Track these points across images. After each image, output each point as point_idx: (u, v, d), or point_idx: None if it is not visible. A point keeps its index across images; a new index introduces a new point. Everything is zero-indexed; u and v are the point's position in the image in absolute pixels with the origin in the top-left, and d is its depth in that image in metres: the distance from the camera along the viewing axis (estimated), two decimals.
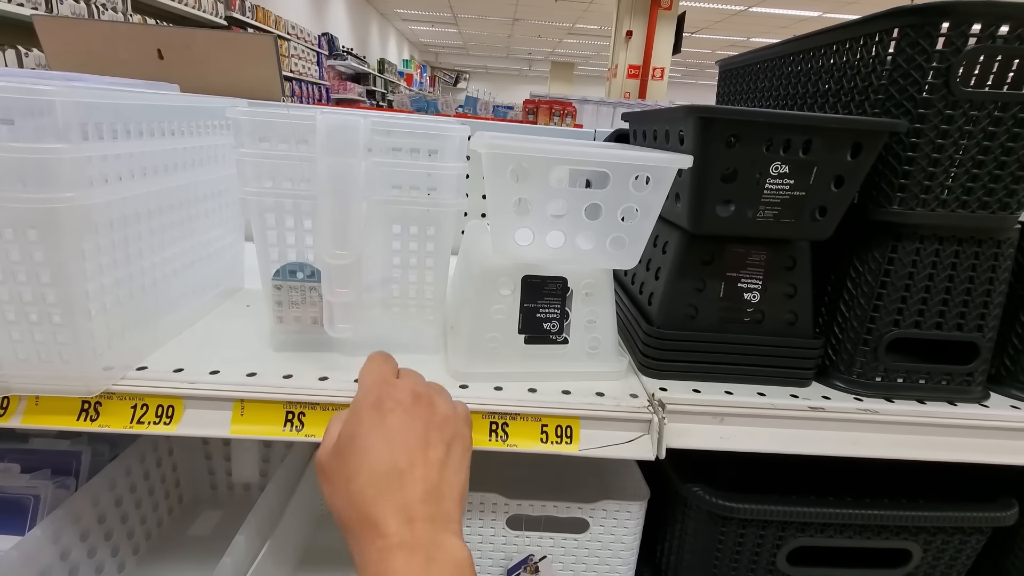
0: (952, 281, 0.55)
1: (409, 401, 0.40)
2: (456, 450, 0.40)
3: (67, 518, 0.68)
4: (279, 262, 0.54)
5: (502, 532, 0.65)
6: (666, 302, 0.57)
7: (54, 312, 0.44)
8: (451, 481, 0.39)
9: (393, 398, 0.40)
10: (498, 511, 0.64)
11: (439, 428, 0.40)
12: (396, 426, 0.39)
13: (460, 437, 0.41)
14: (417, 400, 0.41)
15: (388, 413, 0.39)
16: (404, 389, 0.41)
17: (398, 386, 0.41)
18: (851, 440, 0.54)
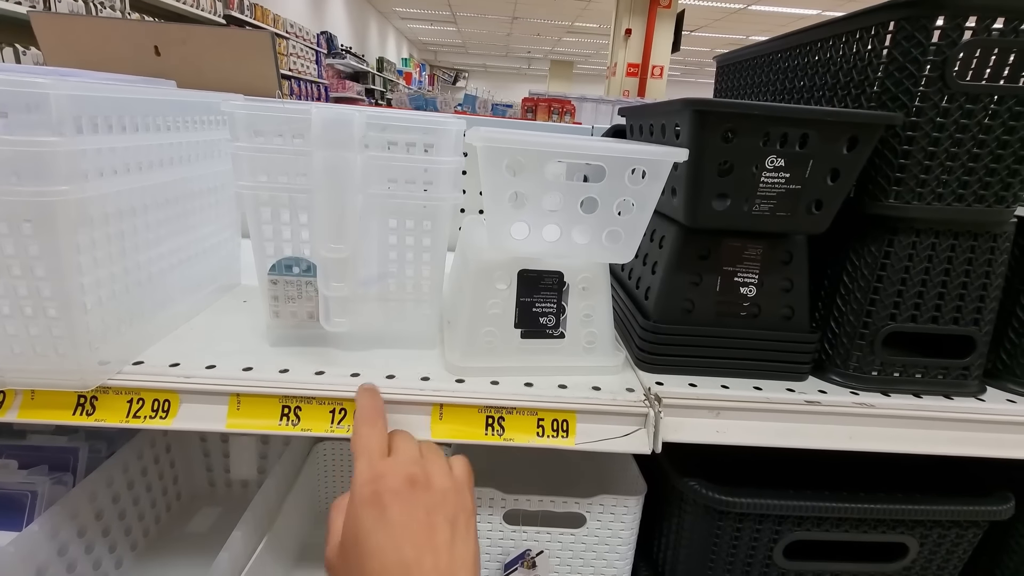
0: (948, 275, 0.55)
1: (406, 489, 0.40)
2: (460, 523, 0.41)
3: (64, 514, 0.68)
4: (275, 257, 0.54)
5: (499, 527, 0.65)
6: (662, 296, 0.57)
7: (49, 306, 0.44)
8: (462, 557, 0.39)
9: (390, 490, 0.40)
10: (495, 506, 0.64)
11: (440, 508, 0.40)
12: (397, 519, 0.39)
13: (463, 510, 0.42)
14: (414, 485, 0.40)
15: (387, 508, 0.39)
16: (398, 475, 0.41)
17: (391, 473, 0.41)
18: (847, 434, 0.54)
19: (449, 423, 0.51)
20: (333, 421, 0.50)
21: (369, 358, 0.56)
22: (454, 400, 0.51)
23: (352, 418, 0.51)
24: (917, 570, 0.61)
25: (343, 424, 0.50)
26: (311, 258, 0.54)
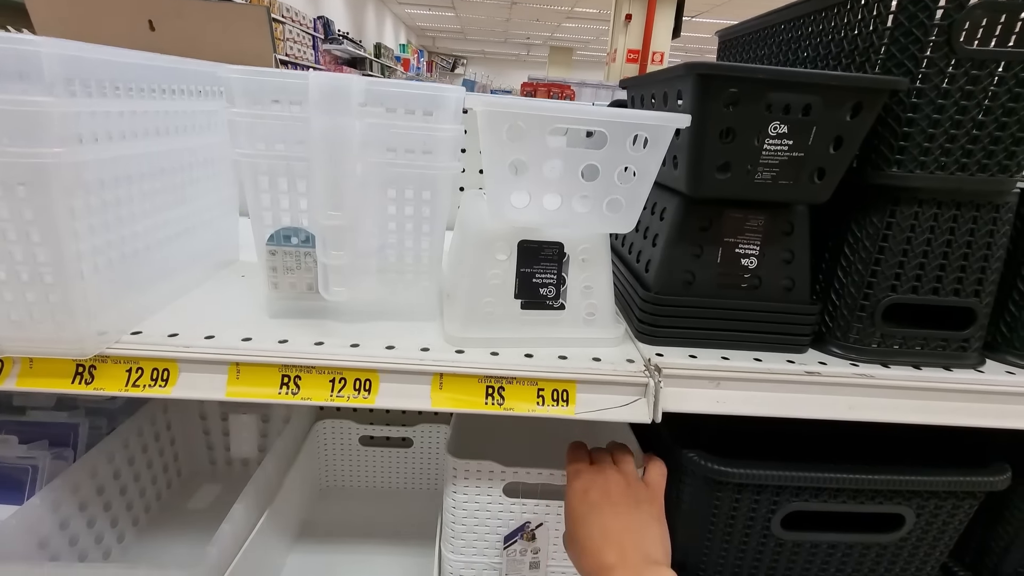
0: (950, 246, 0.54)
1: (603, 480, 0.54)
2: (653, 511, 0.53)
3: (65, 488, 0.68)
4: (273, 227, 0.53)
5: (499, 500, 0.65)
6: (663, 268, 0.56)
7: (45, 272, 0.43)
8: (652, 535, 0.51)
9: (593, 483, 0.54)
10: (495, 479, 0.65)
11: (634, 497, 0.53)
12: (597, 503, 0.52)
13: (654, 501, 0.54)
14: (612, 480, 0.54)
15: (588, 492, 0.53)
16: (598, 469, 0.56)
17: (595, 472, 0.55)
18: (847, 404, 0.54)
19: (449, 392, 0.51)
20: (333, 390, 0.50)
21: (369, 330, 0.56)
22: (454, 370, 0.51)
23: (351, 387, 0.51)
24: (913, 541, 0.62)
25: (343, 393, 0.50)
26: (310, 228, 0.54)
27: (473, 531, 0.67)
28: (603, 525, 0.50)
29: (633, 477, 0.55)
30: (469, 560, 0.68)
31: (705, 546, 0.62)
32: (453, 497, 0.66)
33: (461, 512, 0.66)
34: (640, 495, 0.53)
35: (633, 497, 0.53)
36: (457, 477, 0.65)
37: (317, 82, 0.45)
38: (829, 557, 0.62)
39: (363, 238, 0.53)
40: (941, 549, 0.63)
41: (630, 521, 0.51)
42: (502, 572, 0.68)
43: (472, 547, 0.68)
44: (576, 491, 0.54)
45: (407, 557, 0.84)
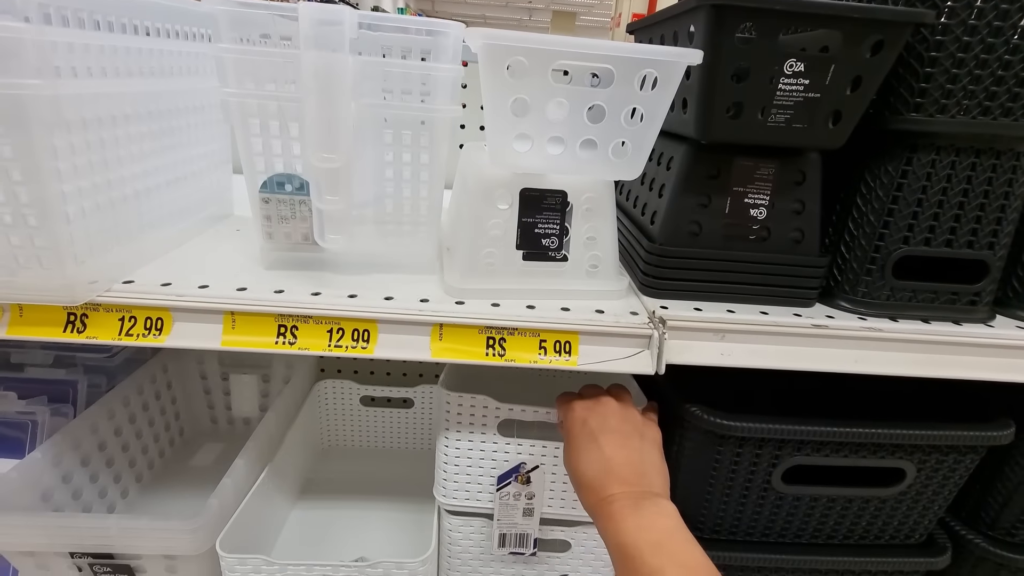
0: (966, 196, 0.53)
1: (600, 408, 0.53)
2: (649, 438, 0.52)
3: (66, 443, 0.68)
4: (266, 173, 0.51)
5: (492, 438, 0.64)
6: (669, 219, 0.55)
7: (29, 214, 0.42)
8: (651, 461, 0.50)
9: (587, 408, 0.53)
10: (488, 415, 0.63)
11: (631, 424, 0.52)
12: (596, 429, 0.51)
13: (651, 431, 0.53)
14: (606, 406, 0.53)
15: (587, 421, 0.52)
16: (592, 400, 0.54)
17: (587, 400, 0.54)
18: (853, 358, 0.53)
19: (449, 342, 0.50)
20: (331, 340, 0.49)
21: (366, 281, 0.55)
22: (454, 320, 0.50)
23: (349, 338, 0.50)
24: (912, 495, 0.62)
25: (342, 343, 0.49)
26: (304, 174, 0.52)
27: (466, 473, 0.65)
28: (603, 455, 0.49)
29: (631, 406, 0.54)
30: (461, 504, 0.66)
31: (705, 500, 0.62)
32: (445, 436, 0.64)
33: (453, 452, 0.64)
34: (639, 424, 0.52)
35: (632, 424, 0.52)
36: (450, 413, 0.63)
37: (307, 12, 0.43)
38: (828, 511, 0.63)
39: (359, 186, 0.52)
40: (940, 503, 0.63)
41: (631, 450, 0.50)
42: (494, 518, 0.66)
43: (465, 490, 0.66)
44: (573, 423, 0.53)
45: (407, 514, 0.85)
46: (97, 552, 0.60)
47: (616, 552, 0.44)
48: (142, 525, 0.59)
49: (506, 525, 0.66)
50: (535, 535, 0.67)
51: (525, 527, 0.66)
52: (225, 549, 0.59)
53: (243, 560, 0.60)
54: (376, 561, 0.61)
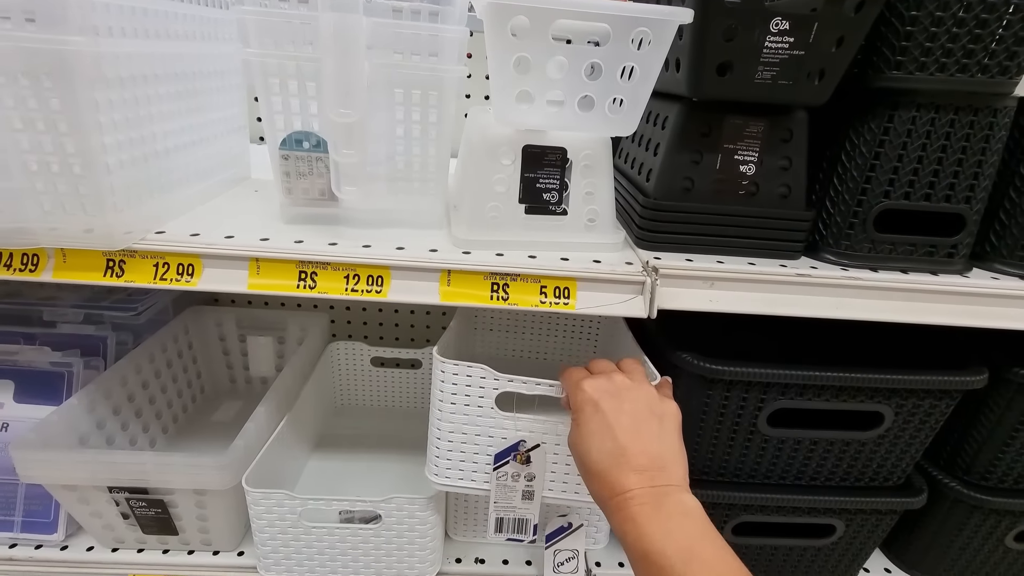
0: (945, 152, 0.56)
1: (614, 387, 0.48)
2: (667, 421, 0.47)
3: (99, 392, 0.73)
4: (285, 131, 0.55)
5: (490, 412, 0.59)
6: (663, 174, 0.58)
7: (74, 163, 0.46)
8: (669, 447, 0.46)
9: (599, 388, 0.48)
10: (486, 387, 0.58)
11: (647, 406, 0.47)
12: (610, 413, 0.46)
13: (669, 411, 0.48)
14: (620, 385, 0.48)
15: (599, 403, 0.47)
16: (605, 379, 0.49)
17: (599, 380, 0.49)
18: (834, 304, 0.57)
19: (456, 287, 0.54)
20: (348, 285, 0.53)
21: (379, 235, 0.58)
22: (461, 267, 0.54)
23: (364, 283, 0.54)
24: (890, 439, 0.66)
25: (357, 288, 0.54)
26: (320, 132, 0.55)
27: (460, 450, 0.60)
28: (617, 443, 0.44)
29: (646, 385, 0.49)
30: (455, 484, 0.62)
31: (695, 443, 0.66)
32: (439, 407, 0.59)
33: (447, 425, 0.59)
34: (655, 404, 0.47)
35: (647, 405, 0.47)
36: (444, 383, 0.58)
37: None
38: (811, 453, 0.67)
39: (373, 143, 0.55)
40: (916, 447, 0.67)
41: (648, 437, 0.45)
42: (490, 500, 0.61)
43: (459, 469, 0.61)
44: (583, 403, 0.47)
45: (417, 466, 0.89)
46: (133, 487, 0.65)
47: (640, 560, 0.41)
48: (175, 461, 0.64)
49: (503, 508, 0.61)
50: (535, 521, 0.62)
51: (524, 511, 0.61)
52: (251, 484, 0.64)
53: (267, 495, 0.65)
54: (390, 496, 0.66)
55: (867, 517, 0.70)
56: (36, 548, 0.71)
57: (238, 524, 0.73)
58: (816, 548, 0.73)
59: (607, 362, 0.53)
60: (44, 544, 0.72)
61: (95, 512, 0.68)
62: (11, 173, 0.45)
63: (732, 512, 0.69)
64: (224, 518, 0.70)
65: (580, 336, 0.92)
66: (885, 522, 0.71)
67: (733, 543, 0.71)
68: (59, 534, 0.72)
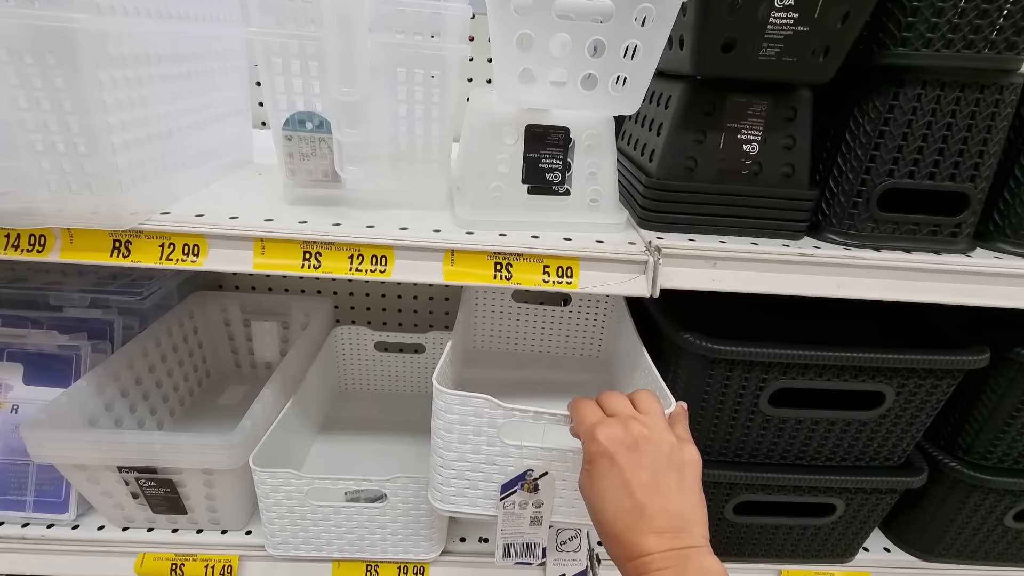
0: (950, 129, 0.55)
1: (631, 440, 0.44)
2: (687, 473, 0.44)
3: (107, 375, 0.74)
4: (288, 111, 0.55)
5: (495, 443, 0.55)
6: (666, 154, 0.58)
7: (79, 141, 0.46)
8: (690, 503, 0.43)
9: (616, 440, 0.44)
10: (489, 418, 0.54)
11: (666, 458, 0.44)
12: (627, 468, 0.43)
13: (689, 462, 0.45)
14: (637, 437, 0.44)
15: (615, 456, 0.43)
16: (622, 428, 0.44)
17: (616, 426, 0.45)
18: (836, 284, 0.57)
19: (460, 266, 0.54)
20: (352, 265, 0.54)
21: (383, 216, 0.59)
22: (464, 247, 0.54)
23: (368, 262, 0.54)
24: (891, 418, 0.67)
25: (361, 267, 0.54)
26: (323, 112, 0.55)
27: (464, 478, 0.57)
28: (635, 502, 0.42)
29: (665, 431, 0.45)
30: (461, 511, 0.59)
31: (697, 423, 0.67)
32: (441, 436, 0.56)
33: (450, 455, 0.56)
34: (674, 453, 0.44)
35: (665, 454, 0.44)
36: (445, 412, 0.54)
37: None
38: (812, 433, 0.67)
39: (375, 123, 0.55)
40: (917, 427, 0.68)
41: (667, 493, 0.42)
42: (497, 527, 0.59)
43: (463, 496, 0.58)
44: (597, 455, 0.44)
45: (421, 447, 0.91)
46: (142, 466, 0.66)
47: None
48: (183, 441, 0.65)
49: (511, 535, 0.59)
50: (544, 544, 0.60)
51: (532, 536, 0.59)
52: (257, 464, 0.65)
53: (274, 474, 0.66)
54: (395, 476, 0.67)
55: (867, 496, 0.71)
56: (48, 527, 0.73)
57: (246, 503, 0.74)
58: (816, 527, 0.74)
59: (620, 397, 0.49)
60: (56, 523, 0.73)
61: (105, 491, 0.69)
62: (17, 152, 0.45)
63: (733, 491, 0.70)
64: (232, 498, 0.71)
65: (584, 327, 0.93)
66: (885, 501, 0.72)
67: (734, 522, 0.73)
68: (70, 513, 0.73)
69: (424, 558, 0.73)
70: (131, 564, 0.72)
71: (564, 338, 0.94)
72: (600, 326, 0.93)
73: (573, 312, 0.92)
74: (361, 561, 0.73)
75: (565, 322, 0.93)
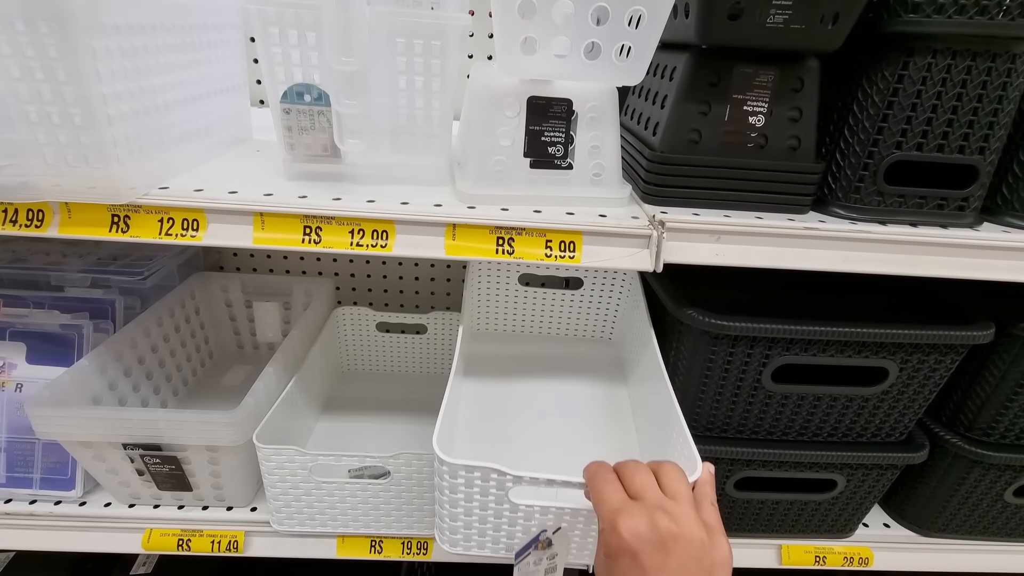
0: (960, 100, 0.54)
1: (657, 537, 0.39)
2: (717, 570, 0.40)
3: (109, 354, 0.74)
4: (286, 83, 0.54)
5: (506, 507, 0.52)
6: (670, 127, 0.57)
7: (74, 112, 0.45)
8: None
9: (641, 538, 0.39)
10: (499, 486, 0.51)
11: (695, 560, 0.39)
12: (653, 570, 0.39)
13: (720, 563, 0.40)
14: (665, 534, 0.39)
15: (639, 555, 0.39)
16: (648, 522, 0.40)
17: (640, 517, 0.40)
18: (841, 258, 0.56)
19: (461, 241, 0.54)
20: (352, 239, 0.53)
21: (383, 191, 0.58)
22: (466, 221, 0.54)
23: (369, 237, 0.54)
24: (894, 394, 0.66)
25: (362, 242, 0.53)
26: (321, 85, 0.54)
27: (472, 528, 0.55)
28: None
29: (695, 525, 0.41)
30: (473, 555, 0.57)
31: (699, 399, 0.67)
32: (445, 494, 0.53)
33: (457, 511, 0.54)
34: (705, 555, 0.40)
35: (696, 560, 0.39)
36: (453, 477, 0.51)
37: None
38: (814, 409, 0.67)
39: (376, 96, 0.54)
40: (920, 403, 0.68)
41: None
42: None
43: (472, 542, 0.56)
44: (618, 552, 0.39)
45: (424, 427, 0.91)
46: (147, 443, 0.66)
47: None
48: (187, 418, 0.65)
49: None
50: None
51: None
52: (262, 441, 0.66)
53: (278, 451, 0.66)
54: (398, 452, 0.67)
55: (868, 472, 0.71)
56: (56, 504, 0.73)
57: (250, 481, 0.75)
58: (817, 503, 0.74)
59: (644, 473, 0.44)
60: (63, 500, 0.74)
61: (111, 469, 0.69)
62: (12, 124, 0.45)
63: (735, 467, 0.70)
64: (237, 475, 0.71)
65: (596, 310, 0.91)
66: (886, 477, 0.72)
67: (735, 498, 0.73)
68: (77, 491, 0.74)
69: (428, 534, 0.74)
70: (138, 540, 0.73)
71: (575, 321, 0.92)
72: (614, 309, 0.91)
73: (585, 295, 0.89)
74: (365, 536, 0.74)
75: (576, 305, 0.90)
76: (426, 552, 0.75)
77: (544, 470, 0.49)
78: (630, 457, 0.47)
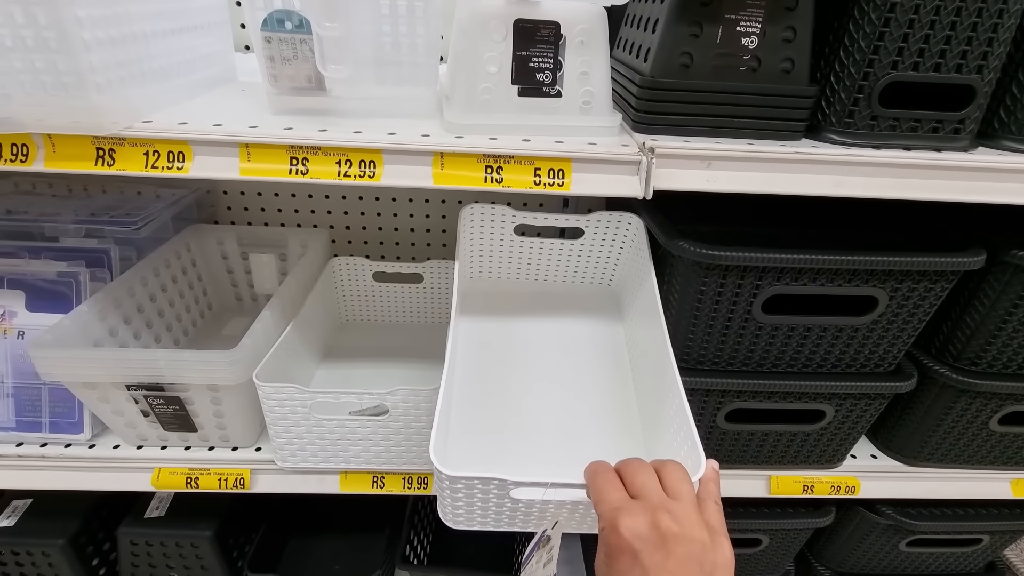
0: (959, 15, 0.53)
1: (658, 536, 0.39)
2: (718, 572, 0.39)
3: (108, 301, 0.75)
4: (265, 9, 0.53)
5: (507, 505, 0.52)
6: (661, 50, 0.56)
7: (49, 36, 0.44)
8: None
9: (640, 537, 0.39)
10: (501, 495, 0.51)
11: (696, 560, 0.39)
12: (652, 570, 0.38)
13: (721, 565, 0.40)
14: (665, 533, 0.39)
15: (639, 555, 0.38)
16: (648, 521, 0.39)
17: (641, 515, 0.39)
18: (833, 183, 0.56)
19: (449, 170, 0.54)
20: (340, 170, 0.53)
21: (370, 123, 0.57)
22: (454, 150, 0.53)
23: (357, 168, 0.53)
24: (883, 324, 0.67)
25: (350, 173, 0.53)
26: (302, 9, 0.53)
27: (474, 514, 0.55)
28: None
29: (697, 526, 0.40)
30: (470, 527, 0.56)
31: (690, 331, 0.68)
32: (448, 496, 0.52)
33: (462, 508, 0.54)
34: (707, 556, 0.39)
35: (697, 560, 0.39)
36: (454, 485, 0.50)
37: None
38: (804, 340, 0.68)
39: (357, 21, 0.53)
40: (909, 332, 0.68)
41: None
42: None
43: (476, 522, 0.56)
44: (618, 550, 0.39)
45: (421, 372, 0.93)
46: (150, 384, 0.68)
47: None
48: (188, 357, 0.66)
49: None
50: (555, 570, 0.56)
51: (547, 572, 0.57)
52: (262, 380, 0.67)
53: (278, 389, 0.67)
54: (396, 388, 0.68)
55: (856, 402, 0.73)
56: (66, 447, 0.76)
57: (254, 422, 0.77)
58: (806, 433, 0.76)
59: (645, 471, 0.43)
60: (72, 443, 0.76)
61: (117, 410, 0.71)
62: None
63: (725, 399, 0.72)
64: (240, 415, 0.73)
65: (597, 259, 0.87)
66: (874, 407, 0.74)
67: (725, 430, 0.75)
68: (85, 433, 0.76)
69: (427, 469, 0.76)
70: (148, 478, 0.75)
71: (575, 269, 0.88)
72: (615, 257, 0.86)
73: (585, 245, 0.84)
74: (367, 472, 0.77)
75: (576, 254, 0.86)
76: (426, 487, 0.78)
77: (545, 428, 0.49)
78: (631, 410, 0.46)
